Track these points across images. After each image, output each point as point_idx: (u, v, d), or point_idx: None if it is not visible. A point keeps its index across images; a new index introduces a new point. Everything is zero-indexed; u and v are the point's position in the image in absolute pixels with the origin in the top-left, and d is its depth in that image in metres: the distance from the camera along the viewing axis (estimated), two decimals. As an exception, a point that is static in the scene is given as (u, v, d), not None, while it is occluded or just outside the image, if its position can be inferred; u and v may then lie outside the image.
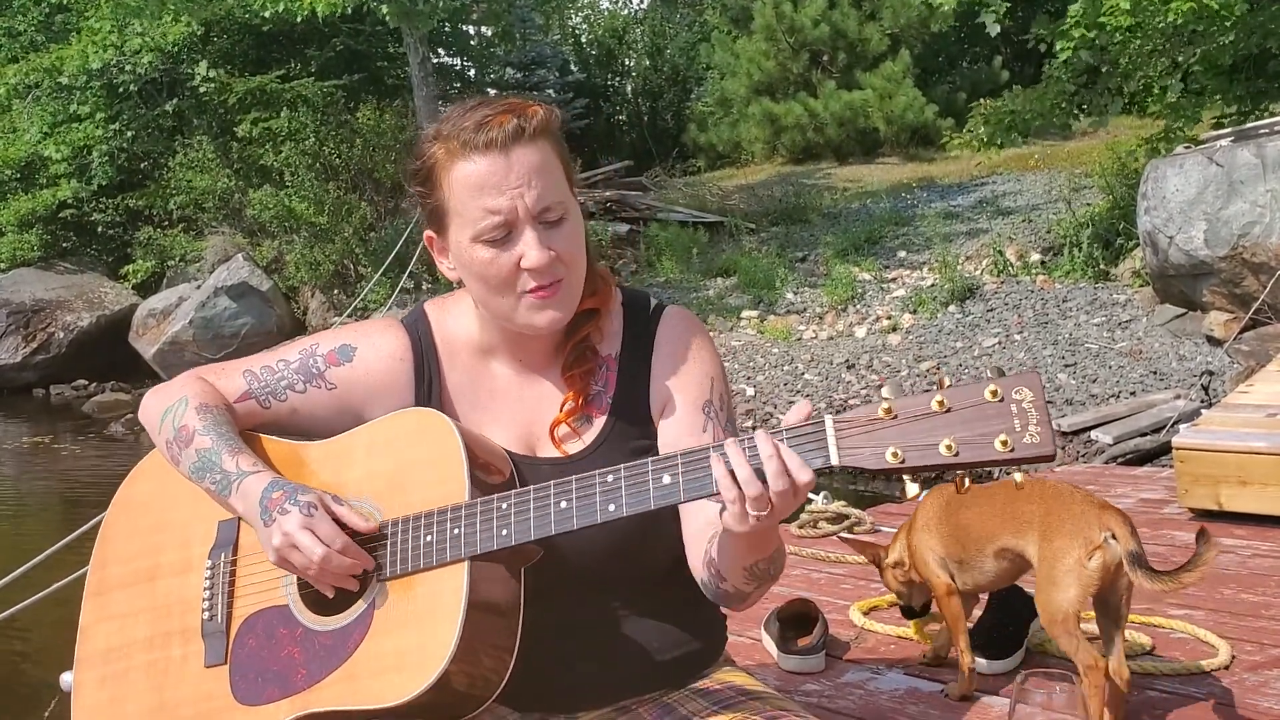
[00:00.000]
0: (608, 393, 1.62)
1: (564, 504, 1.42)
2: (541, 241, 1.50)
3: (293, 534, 1.46)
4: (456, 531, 1.45)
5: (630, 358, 1.64)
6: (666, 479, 1.38)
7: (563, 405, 1.61)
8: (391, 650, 1.45)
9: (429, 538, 1.47)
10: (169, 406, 1.64)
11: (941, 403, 1.28)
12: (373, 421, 1.61)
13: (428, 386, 1.65)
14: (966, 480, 1.31)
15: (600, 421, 1.61)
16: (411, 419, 1.57)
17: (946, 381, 1.31)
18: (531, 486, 1.45)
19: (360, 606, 1.50)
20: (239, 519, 1.59)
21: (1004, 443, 1.25)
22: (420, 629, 1.44)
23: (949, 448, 1.27)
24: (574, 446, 1.61)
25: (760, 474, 1.31)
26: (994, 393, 1.27)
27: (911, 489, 1.32)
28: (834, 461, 1.31)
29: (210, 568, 1.61)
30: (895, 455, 1.28)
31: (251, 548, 1.58)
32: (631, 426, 1.61)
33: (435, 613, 1.44)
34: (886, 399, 1.31)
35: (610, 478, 1.41)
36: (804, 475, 1.31)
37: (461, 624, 1.41)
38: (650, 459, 1.41)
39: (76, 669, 1.65)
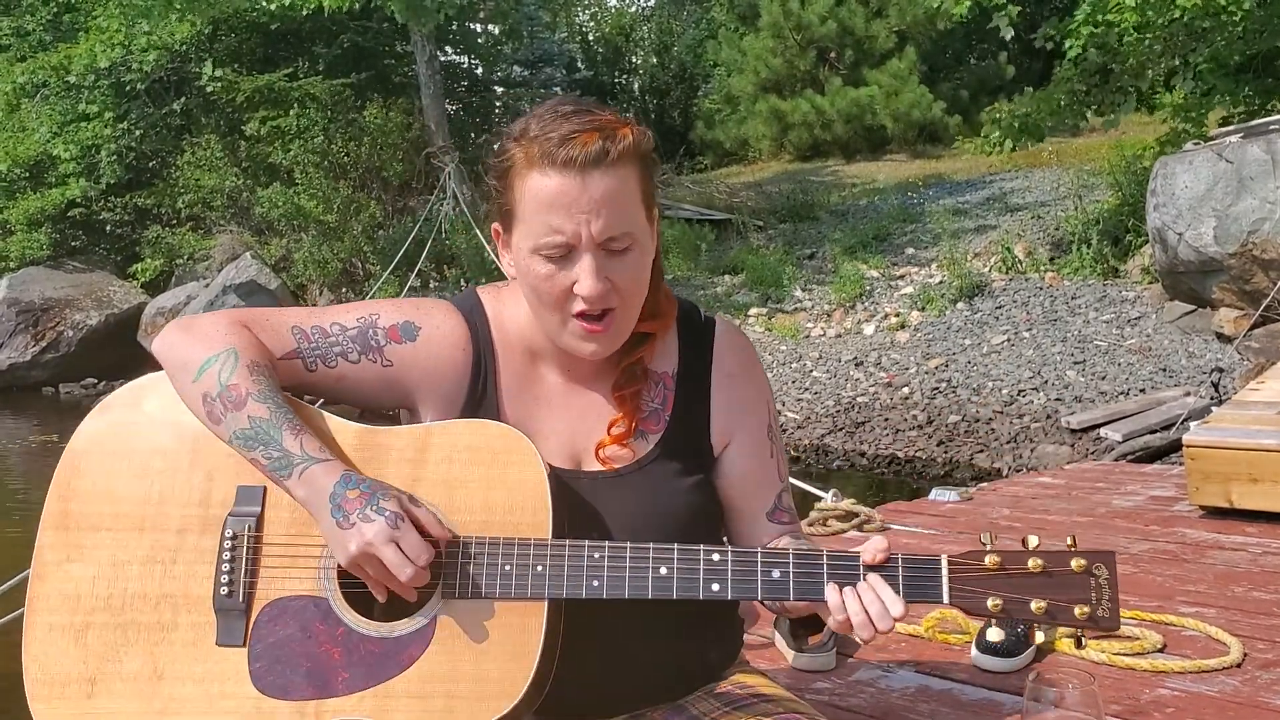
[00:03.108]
0: (665, 410, 1.60)
1: (664, 570, 1.44)
2: (599, 271, 1.45)
3: (377, 547, 1.39)
4: (540, 569, 1.42)
5: (688, 376, 1.62)
6: (776, 574, 1.45)
7: (610, 427, 1.58)
8: (455, 675, 1.41)
9: (508, 567, 1.43)
10: (213, 355, 1.50)
11: (1038, 565, 1.45)
12: (450, 423, 1.53)
13: (483, 382, 1.59)
14: (1038, 634, 1.49)
15: (655, 437, 1.59)
16: (496, 434, 1.50)
17: (1034, 541, 1.46)
18: (629, 544, 1.45)
19: (420, 620, 1.44)
20: (264, 487, 1.50)
21: (1083, 612, 1.45)
22: (491, 660, 1.41)
23: (1039, 608, 1.44)
24: (623, 460, 1.58)
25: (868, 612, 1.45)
26: (1080, 565, 1.45)
27: (994, 634, 1.59)
28: (945, 600, 1.45)
29: (232, 538, 1.49)
30: (995, 605, 1.44)
31: (283, 525, 1.49)
32: (685, 446, 1.60)
33: (508, 647, 1.41)
34: (993, 552, 1.46)
35: (715, 556, 1.44)
36: (897, 609, 1.43)
37: (537, 665, 1.40)
38: (760, 549, 1.48)
39: (30, 606, 1.51)
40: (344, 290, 14.29)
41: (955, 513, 4.03)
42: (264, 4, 13.54)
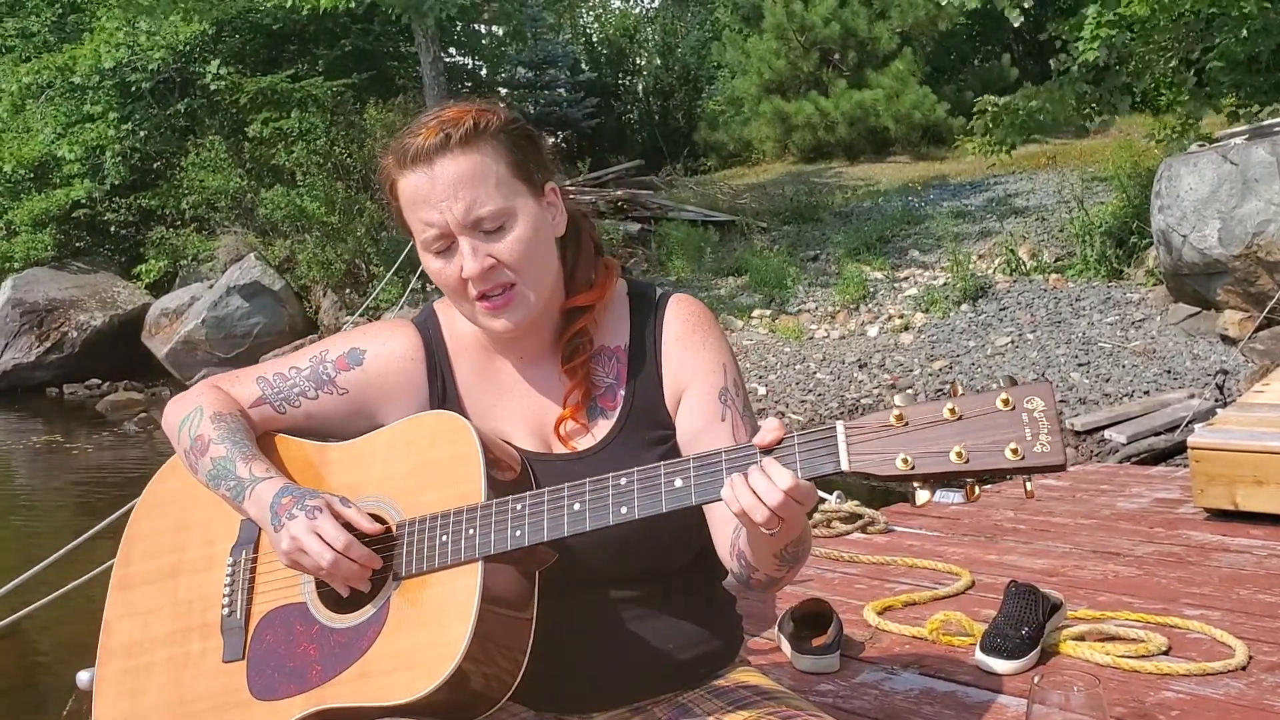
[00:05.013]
0: (620, 384, 1.63)
1: (577, 506, 1.43)
2: (477, 251, 1.52)
3: (299, 538, 1.48)
4: (471, 532, 1.47)
5: (639, 348, 1.64)
6: (678, 482, 1.40)
7: (565, 400, 1.62)
8: (404, 648, 1.46)
9: (444, 538, 1.48)
10: (186, 416, 1.66)
11: (953, 410, 1.28)
12: (394, 423, 1.62)
13: (441, 385, 1.66)
14: (977, 489, 1.31)
15: (614, 414, 1.62)
16: (431, 421, 1.58)
17: (959, 389, 1.31)
18: (546, 489, 1.46)
19: (375, 605, 1.51)
20: None
21: (1014, 451, 1.25)
22: (433, 628, 1.45)
23: (959, 455, 1.27)
24: (586, 442, 1.61)
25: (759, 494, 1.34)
26: (1005, 401, 1.27)
27: (921, 495, 1.31)
28: (844, 466, 1.31)
29: (232, 564, 1.63)
30: (905, 462, 1.29)
31: (271, 546, 1.59)
32: (646, 417, 1.61)
33: (448, 612, 1.45)
34: (898, 406, 1.31)
35: (623, 480, 1.42)
36: (785, 482, 1.32)
37: (474, 623, 1.41)
38: (662, 462, 1.42)
39: (99, 663, 1.67)
40: (348, 291, 14.30)
41: (959, 514, 4.03)
42: (258, 2, 13.57)
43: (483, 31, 19.14)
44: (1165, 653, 2.49)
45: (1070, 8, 10.22)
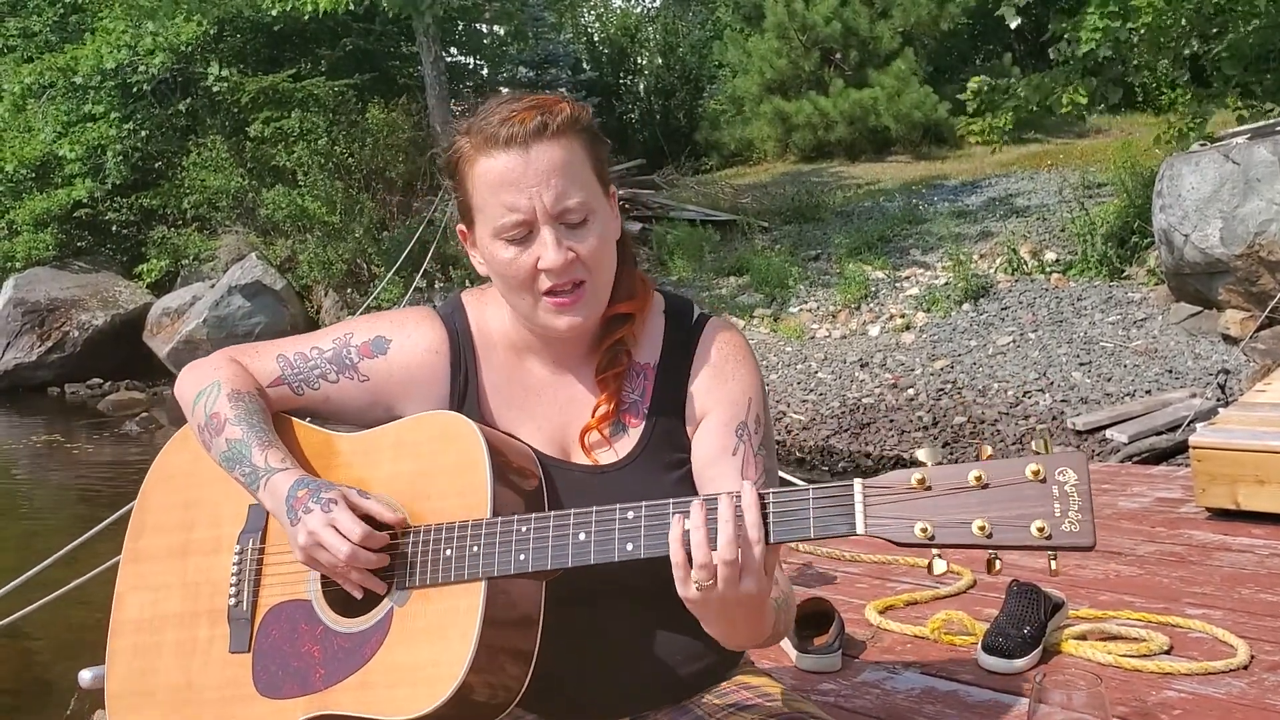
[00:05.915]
0: (644, 402, 1.60)
1: (582, 536, 1.40)
2: (560, 242, 1.48)
3: (317, 531, 1.45)
4: (475, 549, 1.44)
5: (668, 367, 1.61)
6: (687, 524, 1.36)
7: (595, 410, 1.59)
8: (405, 663, 1.44)
9: (448, 552, 1.46)
10: (202, 390, 1.62)
11: (979, 477, 1.22)
12: (403, 420, 1.59)
13: (464, 381, 1.62)
14: (997, 563, 1.23)
15: (636, 432, 1.59)
16: (440, 422, 1.54)
17: (988, 451, 1.24)
18: (552, 513, 1.44)
19: (379, 613, 1.49)
20: None
21: (1041, 529, 1.19)
22: (435, 644, 1.43)
23: (982, 529, 1.20)
24: (607, 456, 1.58)
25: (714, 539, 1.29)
26: (1036, 472, 1.20)
27: (939, 565, 1.24)
28: (860, 530, 1.26)
29: (239, 552, 1.61)
30: (924, 531, 1.23)
31: (279, 536, 1.58)
32: (667, 437, 1.58)
33: (450, 630, 1.43)
34: (922, 466, 1.25)
35: (631, 515, 1.39)
36: (755, 538, 1.28)
37: (476, 644, 1.40)
38: (671, 500, 1.38)
39: (111, 634, 1.68)
40: (349, 291, 14.30)
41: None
42: (265, 6, 13.57)
43: (484, 31, 19.12)
44: (1167, 652, 2.49)
45: (1071, 8, 10.18)
